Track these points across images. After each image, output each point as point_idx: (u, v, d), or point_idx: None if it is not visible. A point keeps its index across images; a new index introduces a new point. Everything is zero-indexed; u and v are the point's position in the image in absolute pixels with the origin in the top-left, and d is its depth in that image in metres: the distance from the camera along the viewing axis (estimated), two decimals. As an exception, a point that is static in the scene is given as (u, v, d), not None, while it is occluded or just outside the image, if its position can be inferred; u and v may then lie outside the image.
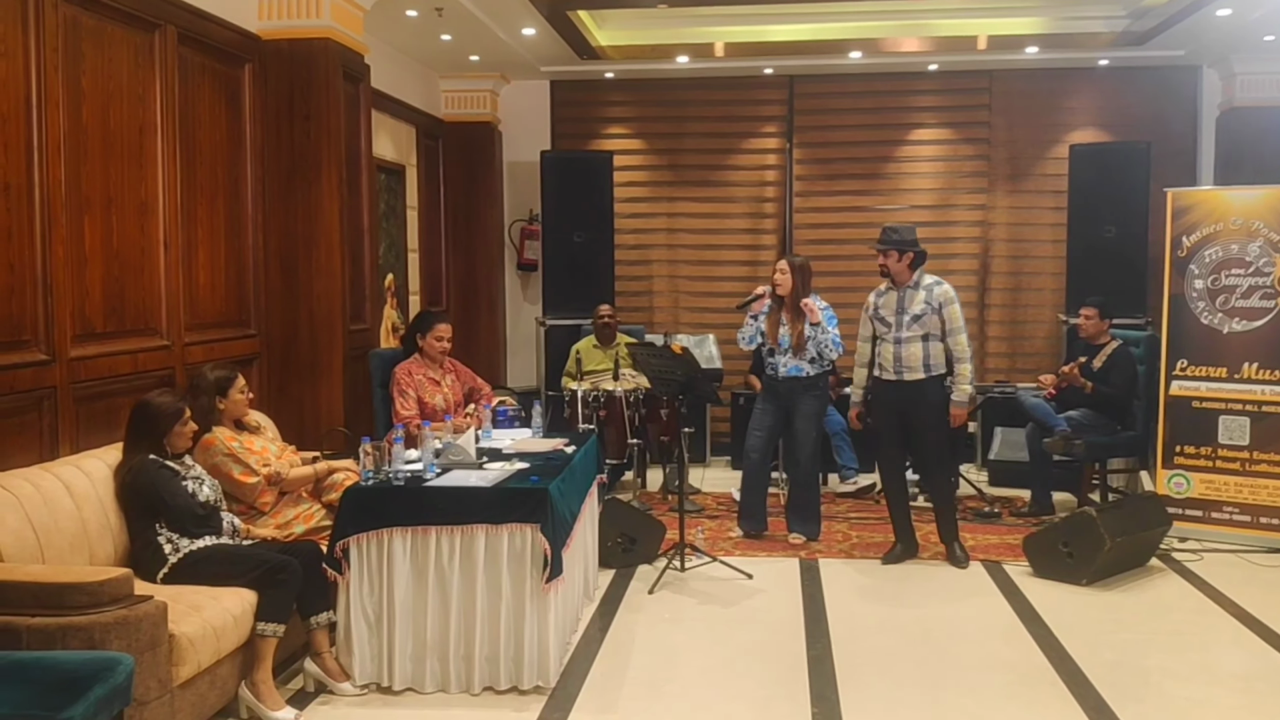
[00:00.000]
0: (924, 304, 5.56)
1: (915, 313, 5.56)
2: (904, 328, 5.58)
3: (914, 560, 5.79)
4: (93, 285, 4.40)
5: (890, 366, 5.63)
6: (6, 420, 3.91)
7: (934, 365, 5.59)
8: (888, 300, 5.67)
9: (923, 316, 5.55)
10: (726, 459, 8.35)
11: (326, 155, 5.78)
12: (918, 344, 5.57)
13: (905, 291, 5.61)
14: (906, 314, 5.58)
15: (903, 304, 5.60)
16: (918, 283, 5.61)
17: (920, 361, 5.57)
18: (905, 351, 5.58)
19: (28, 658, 2.99)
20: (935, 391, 5.60)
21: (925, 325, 5.56)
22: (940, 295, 5.57)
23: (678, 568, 5.44)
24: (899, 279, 5.62)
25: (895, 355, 5.60)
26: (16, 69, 3.95)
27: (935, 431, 5.63)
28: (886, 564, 5.70)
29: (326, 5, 5.72)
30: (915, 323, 5.56)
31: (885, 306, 5.67)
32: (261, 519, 4.45)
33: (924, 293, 5.58)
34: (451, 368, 5.85)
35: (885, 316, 5.65)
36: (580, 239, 8.28)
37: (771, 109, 9.03)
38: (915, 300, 5.58)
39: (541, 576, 3.97)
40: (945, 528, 5.78)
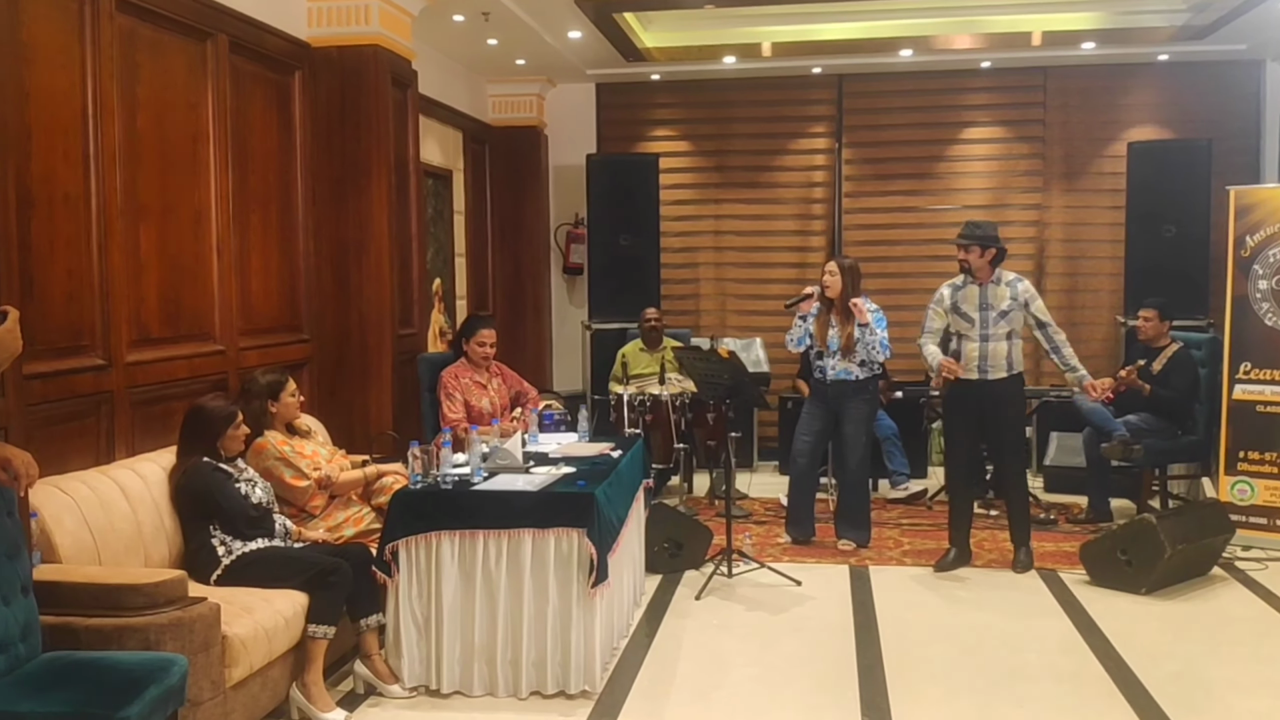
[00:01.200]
0: (1010, 300, 5.47)
1: (1002, 309, 5.47)
2: (990, 324, 5.49)
3: (967, 567, 5.70)
4: (149, 292, 4.47)
5: (974, 365, 5.53)
6: (65, 424, 3.98)
7: (1015, 364, 5.52)
8: (968, 295, 5.57)
9: (1010, 313, 5.47)
10: (774, 464, 8.29)
11: (375, 161, 5.82)
12: (1003, 342, 5.49)
13: (987, 288, 5.52)
14: (992, 310, 5.49)
15: (986, 300, 5.51)
16: (998, 279, 5.52)
17: (1005, 359, 5.49)
18: (992, 350, 5.49)
19: (85, 658, 3.03)
20: (1016, 390, 5.53)
21: (1011, 322, 5.48)
22: (1025, 291, 5.50)
23: (725, 574, 5.41)
24: (980, 275, 5.53)
25: (980, 353, 5.51)
26: (74, 80, 4.02)
27: (1015, 431, 5.57)
28: (939, 572, 5.63)
29: (375, 12, 5.77)
30: (1002, 319, 5.47)
31: (966, 302, 5.56)
32: (312, 522, 4.50)
33: (1007, 289, 5.50)
34: (498, 371, 5.88)
35: (967, 312, 5.55)
36: (626, 242, 8.27)
37: (820, 109, 8.96)
38: (1000, 296, 5.49)
39: (587, 581, 3.97)
40: (1019, 530, 5.69)
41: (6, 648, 2.90)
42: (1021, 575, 5.55)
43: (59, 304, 3.94)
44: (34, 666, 2.96)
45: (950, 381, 5.54)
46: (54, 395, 3.86)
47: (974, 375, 5.53)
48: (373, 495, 4.74)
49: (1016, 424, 5.57)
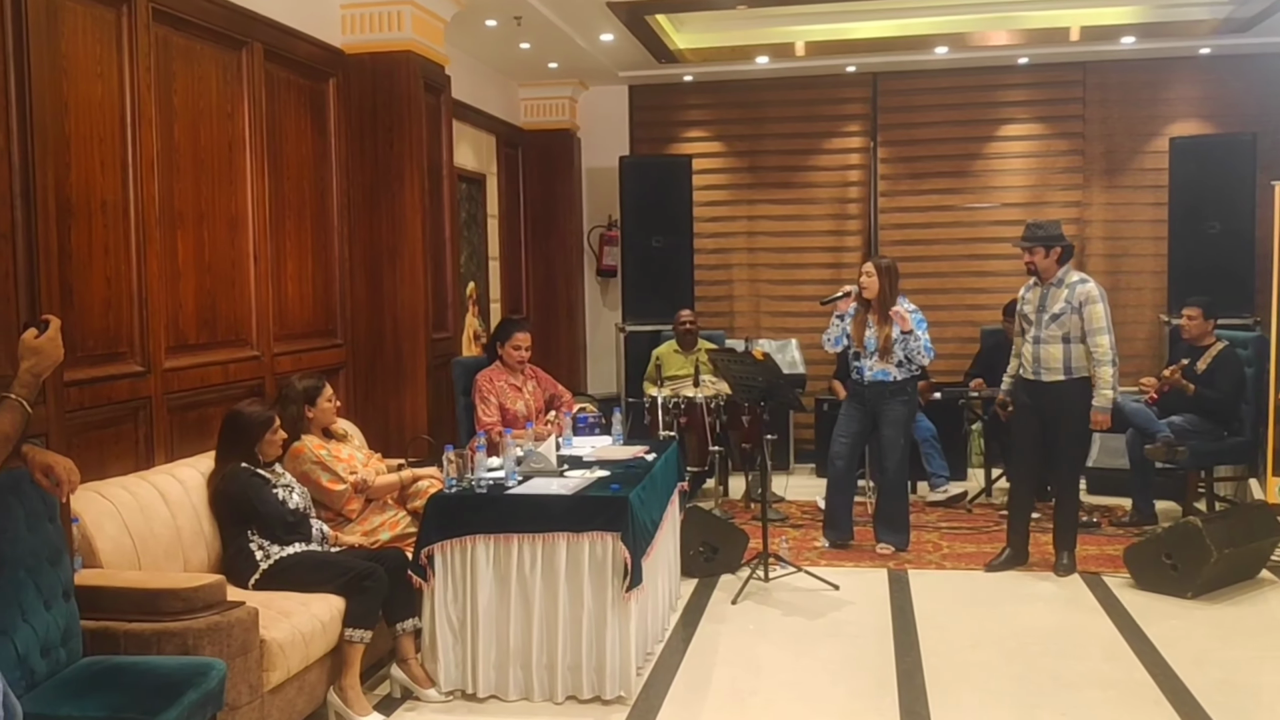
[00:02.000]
0: (1064, 303, 5.38)
1: (1055, 312, 5.39)
2: (1043, 327, 5.42)
3: (1010, 571, 5.62)
4: (186, 298, 4.51)
5: (1030, 366, 5.49)
6: (105, 430, 4.02)
7: (1076, 368, 5.41)
8: (1032, 297, 5.53)
9: (1061, 316, 5.38)
10: (811, 466, 8.23)
11: (409, 166, 5.85)
12: (1057, 345, 5.40)
13: (1049, 289, 5.45)
14: (1047, 313, 5.42)
15: (1044, 302, 5.44)
16: (1062, 280, 5.44)
17: (1060, 363, 5.41)
18: (1044, 352, 5.42)
19: (125, 662, 3.06)
20: (1076, 395, 5.41)
21: (1065, 325, 5.38)
22: (1082, 294, 5.38)
23: (761, 578, 5.37)
24: (1045, 275, 5.46)
25: (1034, 355, 5.46)
26: (112, 90, 4.06)
27: (1070, 437, 5.47)
28: (991, 571, 5.56)
29: (408, 18, 5.79)
30: (1054, 322, 5.39)
31: (1029, 303, 5.53)
32: (349, 526, 4.51)
33: (1066, 290, 5.41)
34: (532, 374, 5.87)
35: (1028, 314, 5.51)
36: (659, 244, 8.25)
37: (854, 107, 8.89)
38: (1056, 299, 5.41)
39: (622, 585, 3.95)
40: (1064, 534, 5.61)
41: (48, 652, 2.93)
42: (1064, 579, 5.47)
43: (97, 311, 3.98)
44: (74, 671, 2.99)
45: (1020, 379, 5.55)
46: (93, 402, 3.91)
47: (1030, 376, 5.49)
48: (408, 499, 4.75)
49: (1073, 428, 5.46)
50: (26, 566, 2.88)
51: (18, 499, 2.88)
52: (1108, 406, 5.37)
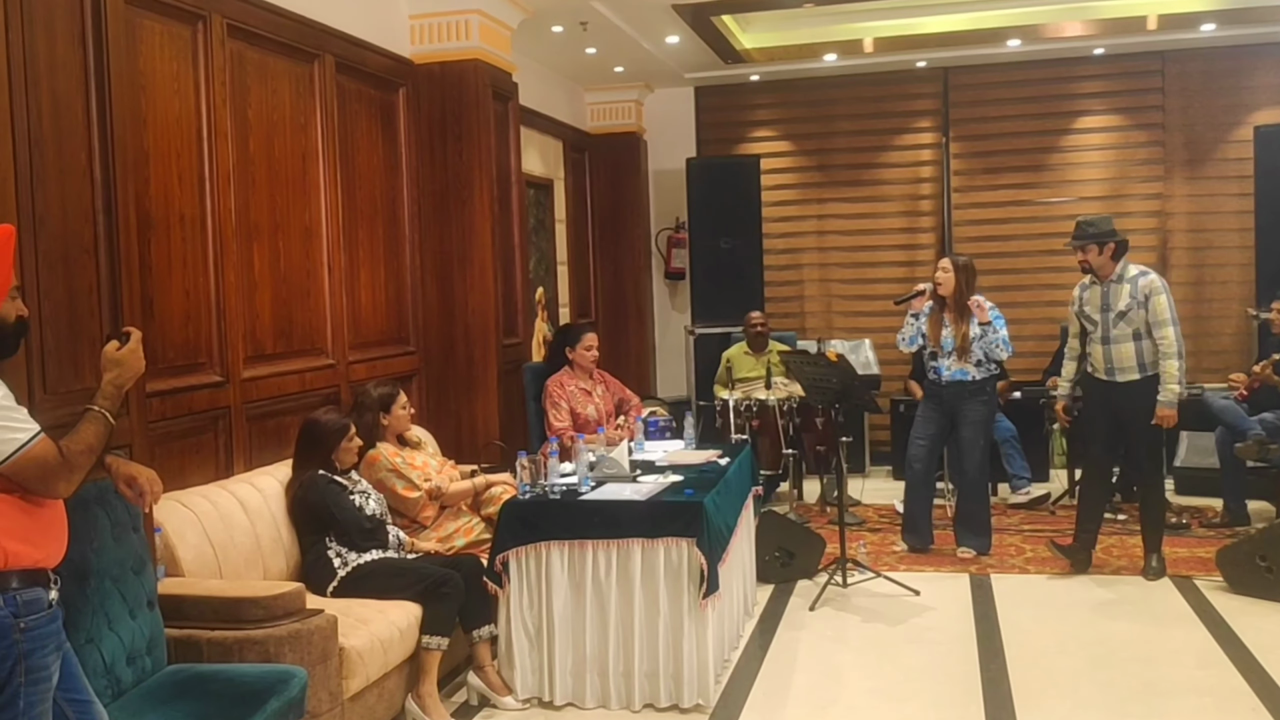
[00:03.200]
0: (1129, 298, 5.23)
1: (1121, 309, 5.24)
2: (1112, 326, 5.27)
3: (1097, 575, 5.47)
4: (262, 309, 4.57)
5: (1101, 367, 5.33)
6: (185, 440, 4.09)
7: (1149, 364, 5.25)
8: (1092, 296, 5.37)
9: (1129, 312, 5.22)
10: (887, 469, 8.09)
11: (478, 174, 5.87)
12: (1129, 343, 5.25)
13: (1109, 286, 5.30)
14: (1112, 311, 5.26)
15: (1107, 300, 5.29)
16: (1121, 275, 5.28)
17: (1134, 361, 5.25)
18: (1116, 351, 5.27)
19: (208, 670, 3.10)
20: (1152, 393, 5.24)
21: (1133, 321, 5.22)
22: (1146, 286, 5.22)
23: (839, 583, 5.28)
24: (1102, 273, 5.31)
25: (1105, 355, 5.31)
26: (188, 105, 4.13)
27: (1148, 434, 5.31)
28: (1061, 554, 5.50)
29: (475, 27, 5.82)
30: (1122, 320, 5.24)
31: (1090, 303, 5.37)
32: (424, 533, 4.53)
33: (1129, 286, 5.25)
34: (601, 379, 5.86)
35: (1090, 314, 5.35)
36: (728, 245, 8.20)
37: (925, 103, 8.74)
38: (1120, 295, 5.25)
39: (699, 592, 3.90)
40: (1151, 537, 5.44)
41: (133, 660, 2.97)
42: (1154, 583, 5.30)
43: (177, 323, 4.05)
44: (160, 678, 3.03)
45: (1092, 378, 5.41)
46: (174, 412, 3.97)
47: (1102, 376, 5.34)
48: (482, 505, 4.76)
49: (1152, 429, 5.29)
50: (112, 576, 2.93)
51: (103, 509, 2.93)
52: (1174, 402, 5.21)
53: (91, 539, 2.86)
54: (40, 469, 2.32)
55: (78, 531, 2.59)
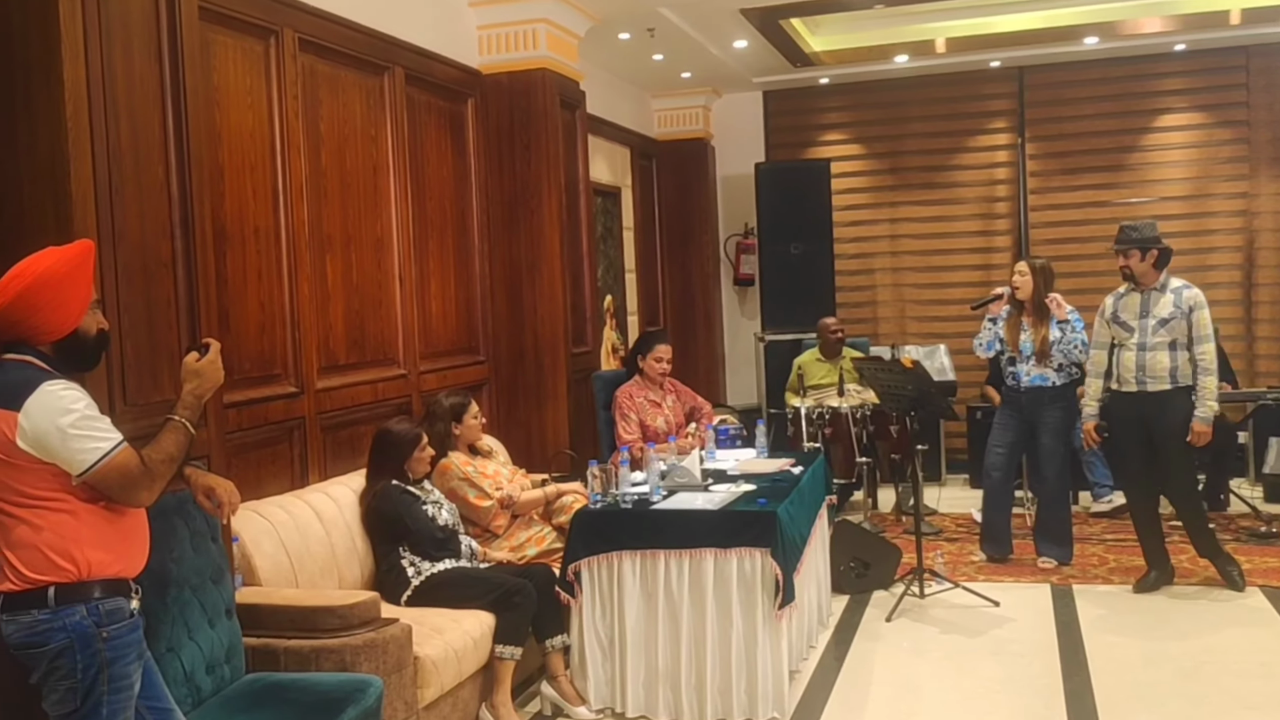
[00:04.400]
0: (1173, 307, 5.07)
1: (1163, 316, 5.08)
2: (1150, 333, 5.11)
3: (1180, 584, 5.29)
4: (335, 320, 4.61)
5: (1131, 376, 5.16)
6: (261, 450, 4.13)
7: (1181, 376, 5.09)
8: (1128, 303, 5.21)
9: (1171, 321, 5.06)
10: (964, 477, 7.93)
11: (546, 183, 5.88)
12: (1164, 352, 5.09)
13: (1150, 294, 5.14)
14: (1152, 318, 5.11)
15: (1147, 307, 5.13)
16: (1164, 285, 5.13)
17: (1166, 371, 5.09)
18: (1150, 359, 5.11)
19: (286, 679, 3.12)
20: (1181, 404, 5.08)
21: (1173, 331, 5.06)
22: (1190, 299, 5.08)
23: (917, 594, 5.16)
24: (1144, 280, 5.16)
25: (1139, 363, 5.14)
26: (262, 119, 4.19)
27: (1179, 447, 5.12)
28: (1139, 593, 5.24)
29: (543, 36, 5.83)
30: (1162, 328, 5.08)
31: (1126, 310, 5.21)
32: (496, 542, 4.53)
33: (1172, 295, 5.10)
34: (672, 388, 5.82)
35: (1126, 321, 5.19)
36: (798, 250, 8.11)
37: (1000, 103, 8.57)
38: (1162, 303, 5.10)
39: (773, 603, 3.84)
40: (1201, 542, 5.26)
41: (213, 669, 3.00)
42: (1242, 594, 5.10)
43: (252, 334, 4.10)
44: (238, 687, 3.05)
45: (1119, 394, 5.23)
46: (250, 423, 4.02)
47: (1131, 388, 5.17)
48: (553, 514, 4.75)
49: (1180, 436, 5.10)
50: (191, 585, 2.96)
51: (183, 520, 2.97)
52: (1210, 418, 5.05)
53: (171, 549, 2.90)
54: (123, 478, 2.35)
55: (158, 541, 2.63)
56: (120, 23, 2.95)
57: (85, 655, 2.32)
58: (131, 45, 3.00)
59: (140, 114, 3.01)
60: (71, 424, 2.29)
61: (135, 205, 2.98)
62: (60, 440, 2.28)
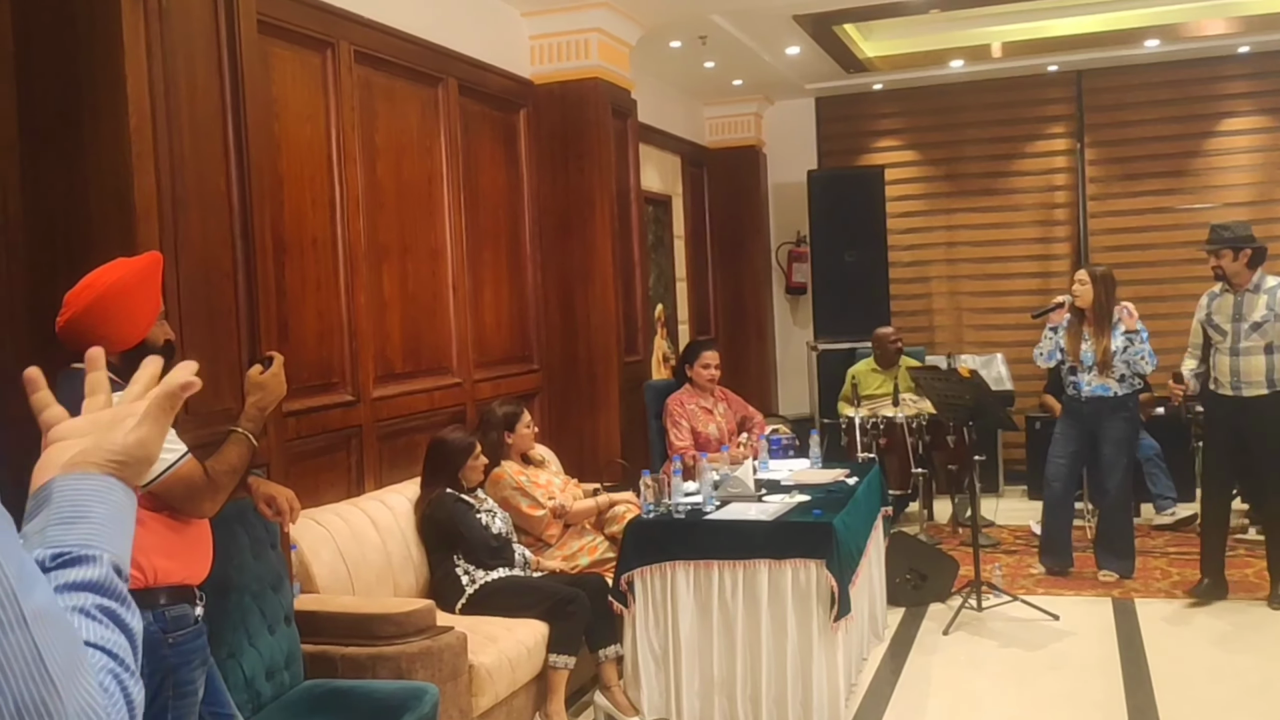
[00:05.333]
0: (1266, 309, 4.94)
1: (1255, 320, 4.95)
2: (1242, 337, 4.98)
3: (1249, 598, 5.15)
4: (391, 329, 4.65)
5: (1227, 380, 5.04)
6: (319, 458, 4.18)
7: (1279, 379, 4.96)
8: (1222, 305, 5.09)
9: (1264, 324, 4.93)
10: (1022, 488, 7.79)
11: (598, 192, 5.88)
12: (1259, 356, 4.95)
13: (1243, 296, 5.01)
14: (1245, 321, 4.98)
15: (1240, 310, 5.01)
16: (1258, 285, 5.00)
17: (1263, 375, 4.95)
18: (1244, 364, 4.98)
19: (344, 686, 3.14)
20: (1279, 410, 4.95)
21: (1267, 334, 4.93)
22: None
23: (974, 607, 5.08)
24: (1237, 281, 5.02)
25: (1233, 368, 5.01)
26: (319, 131, 4.24)
27: (1275, 454, 4.98)
28: (1192, 602, 5.14)
29: (595, 46, 5.84)
30: (1255, 331, 4.95)
31: (1219, 312, 5.09)
32: (548, 551, 4.54)
33: (1265, 297, 4.97)
34: (723, 396, 5.79)
35: (1220, 323, 5.07)
36: (851, 258, 8.03)
37: (1058, 108, 8.43)
38: (1255, 306, 4.97)
39: (829, 614, 3.80)
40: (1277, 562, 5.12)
41: (272, 675, 3.03)
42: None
43: (311, 344, 4.14)
44: (297, 693, 3.08)
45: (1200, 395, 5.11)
46: (308, 431, 4.06)
47: (1227, 391, 5.03)
48: (606, 524, 4.74)
49: (1276, 443, 4.97)
50: (251, 592, 2.99)
51: (243, 527, 3.00)
52: None
53: (232, 556, 2.93)
54: (187, 488, 2.38)
55: (219, 549, 2.65)
56: (182, 38, 3.00)
57: (151, 661, 2.35)
58: (193, 60, 3.04)
59: (202, 127, 3.06)
60: (137, 434, 2.32)
61: (197, 217, 3.03)
62: (126, 450, 2.31)
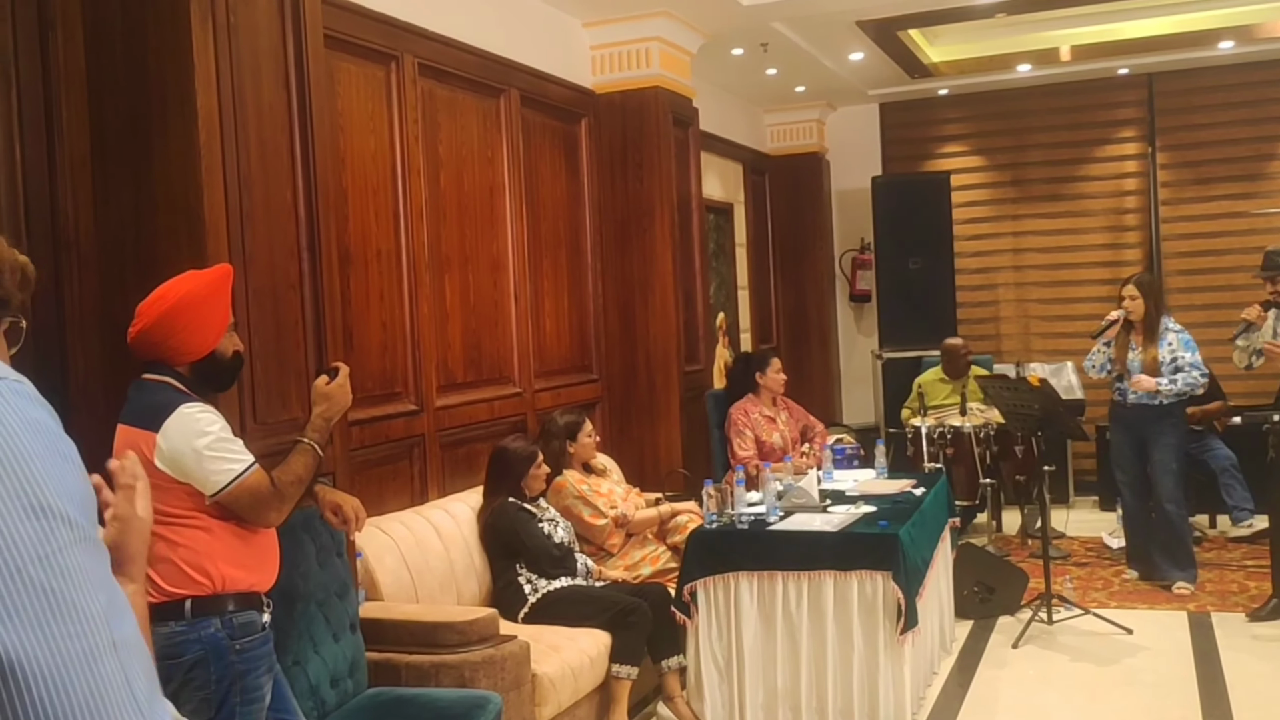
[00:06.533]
0: None
1: None
2: None
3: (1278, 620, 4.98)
4: (453, 339, 4.68)
5: None
6: (383, 467, 4.21)
7: None
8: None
9: None
10: (1093, 499, 7.61)
11: (659, 201, 5.87)
12: None
13: None
14: None
15: None
16: None
17: None
18: None
19: (408, 694, 3.16)
20: None
21: None
22: None
23: (1044, 620, 4.97)
24: None
25: None
26: (383, 143, 4.29)
27: None
28: (1254, 621, 4.97)
29: (656, 54, 5.84)
30: None
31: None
32: (610, 560, 4.53)
33: None
34: (785, 405, 5.74)
35: None
36: (916, 265, 7.93)
37: (1128, 111, 8.25)
38: None
39: (895, 627, 3.74)
40: None
41: (337, 682, 3.05)
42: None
43: (374, 354, 4.18)
44: (361, 701, 3.10)
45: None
46: (372, 440, 4.10)
47: None
48: (668, 534, 4.72)
49: None
50: (317, 600, 3.02)
51: (309, 535, 3.03)
52: None
53: (298, 564, 2.96)
54: (254, 498, 2.41)
55: (285, 557, 2.68)
56: (250, 53, 3.05)
57: (219, 667, 2.38)
58: (261, 75, 3.09)
59: (269, 141, 3.10)
60: (206, 446, 2.36)
61: (265, 229, 3.07)
62: (195, 461, 2.36)
